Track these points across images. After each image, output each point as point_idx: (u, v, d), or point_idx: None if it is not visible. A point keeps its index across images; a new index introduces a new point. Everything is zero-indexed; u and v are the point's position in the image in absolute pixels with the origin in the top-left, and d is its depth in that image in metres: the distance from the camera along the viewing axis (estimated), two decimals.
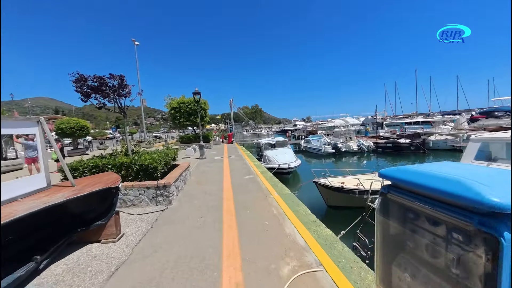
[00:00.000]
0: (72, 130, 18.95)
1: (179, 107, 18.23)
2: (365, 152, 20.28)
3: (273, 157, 13.11)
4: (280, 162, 12.40)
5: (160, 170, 5.35)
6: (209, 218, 4.42)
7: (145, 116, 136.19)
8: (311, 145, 21.95)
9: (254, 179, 7.50)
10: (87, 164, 5.15)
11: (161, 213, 4.77)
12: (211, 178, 7.82)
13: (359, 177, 9.25)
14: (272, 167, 12.13)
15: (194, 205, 5.20)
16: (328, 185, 7.50)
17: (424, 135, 22.23)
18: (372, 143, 20.71)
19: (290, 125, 79.23)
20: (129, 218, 4.55)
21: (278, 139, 15.96)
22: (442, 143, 19.03)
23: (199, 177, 8.12)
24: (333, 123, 43.32)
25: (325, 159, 19.75)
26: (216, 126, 68.32)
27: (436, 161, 15.00)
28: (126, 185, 5.01)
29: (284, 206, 4.83)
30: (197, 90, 12.48)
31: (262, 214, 4.46)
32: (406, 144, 18.96)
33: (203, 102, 19.08)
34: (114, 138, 39.38)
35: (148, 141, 26.35)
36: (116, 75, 5.96)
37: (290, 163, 12.15)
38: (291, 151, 14.47)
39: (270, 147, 14.83)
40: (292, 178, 12.81)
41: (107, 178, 4.03)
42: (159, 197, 5.12)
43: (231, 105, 25.97)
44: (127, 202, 5.07)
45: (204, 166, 10.43)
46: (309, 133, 33.74)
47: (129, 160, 5.24)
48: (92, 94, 5.78)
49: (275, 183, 6.99)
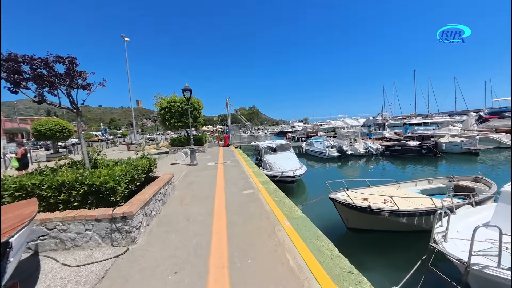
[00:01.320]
0: (51, 132, 17.12)
1: (169, 107, 16.52)
2: (372, 156, 18.76)
3: (275, 163, 11.48)
4: (283, 169, 10.77)
5: (120, 192, 3.67)
6: (188, 273, 2.77)
7: (141, 117, 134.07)
8: (313, 148, 20.36)
9: (255, 195, 5.85)
10: (8, 184, 3.45)
11: (115, 261, 3.09)
12: (200, 194, 6.15)
13: (383, 189, 7.69)
14: (274, 175, 10.50)
15: (169, 243, 3.53)
16: (351, 204, 5.88)
17: (432, 136, 20.82)
18: (379, 145, 19.20)
19: (288, 127, 77.86)
20: (60, 273, 2.87)
21: (279, 142, 14.34)
22: (456, 146, 17.58)
23: (184, 192, 6.44)
24: (332, 125, 41.94)
25: (330, 163, 18.18)
26: (213, 128, 66.52)
27: (451, 166, 13.32)
28: (64, 217, 3.33)
29: (302, 248, 3.20)
30: (187, 86, 10.82)
31: (272, 268, 2.81)
32: (417, 147, 17.47)
33: (196, 101, 17.41)
34: (105, 140, 37.56)
35: (139, 144, 24.56)
36: (64, 57, 4.28)
37: (295, 171, 10.52)
38: (295, 156, 12.86)
39: (271, 151, 13.21)
40: (297, 187, 11.16)
41: (13, 216, 2.37)
42: (116, 233, 3.44)
43: (227, 105, 24.30)
44: (66, 243, 3.38)
45: (194, 175, 8.75)
46: (309, 134, 32.25)
47: (72, 178, 3.56)
48: (27, 83, 4.08)
49: (281, 199, 5.38)
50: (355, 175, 15.09)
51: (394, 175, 14.23)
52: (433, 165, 16.11)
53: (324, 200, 7.23)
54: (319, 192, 11.15)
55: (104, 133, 46.13)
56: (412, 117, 77.73)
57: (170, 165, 11.92)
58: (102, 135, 43.31)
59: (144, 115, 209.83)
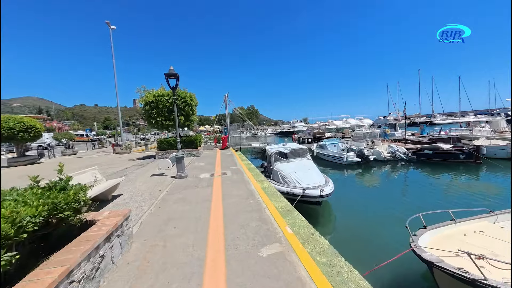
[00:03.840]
0: (12, 132, 14.03)
1: (156, 102, 13.48)
2: (398, 161, 15.85)
3: (291, 175, 8.51)
4: (304, 185, 7.81)
5: None
6: None
7: (138, 116, 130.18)
8: (327, 151, 17.35)
9: (285, 263, 2.87)
10: None
11: None
12: (178, 256, 3.15)
13: (475, 225, 4.78)
14: (292, 193, 7.57)
15: None
16: (469, 278, 2.92)
17: (461, 139, 18.02)
18: (405, 149, 16.29)
19: (289, 127, 75.06)
20: None
21: (292, 146, 11.37)
22: (501, 150, 14.70)
23: (150, 247, 3.43)
24: (334, 125, 39.13)
25: (348, 170, 15.26)
26: (210, 128, 63.36)
27: (494, 174, 10.23)
28: None
29: None
30: (172, 69, 7.83)
31: None
32: (453, 151, 14.60)
33: (189, 95, 14.38)
34: (90, 141, 34.28)
35: (126, 145, 21.45)
36: None
37: (323, 187, 7.52)
38: (314, 164, 9.88)
39: (282, 158, 10.28)
40: (322, 211, 8.12)
41: None
42: None
43: (225, 101, 21.23)
44: None
45: (176, 199, 5.74)
46: (316, 135, 29.28)
47: None
48: None
49: (344, 279, 2.45)
50: (384, 187, 12.20)
51: (429, 187, 11.39)
52: (474, 173, 13.26)
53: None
54: (350, 216, 8.12)
55: (89, 132, 42.82)
56: (415, 117, 75.31)
57: (150, 176, 8.93)
58: (86, 135, 40.12)
59: (140, 115, 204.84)
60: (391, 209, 8.61)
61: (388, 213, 8.18)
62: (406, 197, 10.47)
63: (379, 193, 11.27)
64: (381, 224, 7.36)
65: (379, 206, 9.14)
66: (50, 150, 20.53)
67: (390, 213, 8.22)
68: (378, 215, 8.13)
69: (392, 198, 10.12)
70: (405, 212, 7.87)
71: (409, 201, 9.63)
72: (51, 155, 20.13)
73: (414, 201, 9.51)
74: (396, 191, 11.43)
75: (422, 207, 7.22)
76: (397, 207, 8.77)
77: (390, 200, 9.87)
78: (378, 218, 7.82)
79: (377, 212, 8.41)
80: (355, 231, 6.93)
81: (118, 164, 12.82)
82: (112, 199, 6.02)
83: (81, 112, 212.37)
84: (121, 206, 5.40)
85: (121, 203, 5.60)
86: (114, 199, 5.99)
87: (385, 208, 8.76)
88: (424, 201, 9.33)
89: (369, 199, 10.27)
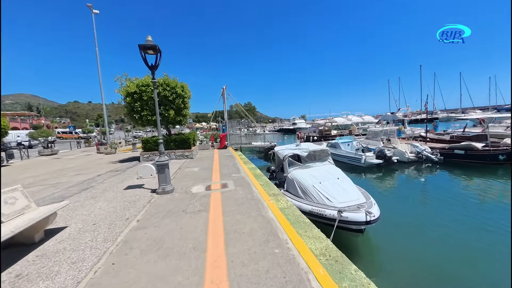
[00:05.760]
0: None
1: (139, 93, 11.06)
2: (423, 163, 13.71)
3: (316, 188, 6.22)
4: (339, 203, 5.55)
5: None
6: None
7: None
8: (341, 152, 15.10)
9: None
10: None
11: None
12: None
13: None
14: (321, 215, 5.34)
15: None
16: None
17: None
18: (429, 149, 14.14)
19: (289, 124, 72.76)
20: None
21: (310, 146, 9.09)
22: None
23: None
24: (335, 122, 37.01)
25: (366, 173, 13.07)
26: (207, 125, 60.68)
27: None
28: None
29: None
30: (150, 40, 5.46)
31: None
32: (491, 151, 12.49)
33: (181, 85, 11.98)
34: (81, 139, 31.60)
35: (111, 144, 18.94)
36: None
37: (368, 208, 5.26)
38: (341, 171, 7.60)
39: (297, 162, 8.06)
40: (362, 243, 5.80)
41: None
42: None
43: (223, 95, 18.82)
44: None
45: (146, 245, 3.36)
46: (322, 133, 27.01)
47: None
48: None
49: None
50: (413, 195, 10.00)
51: (466, 195, 9.22)
52: None
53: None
54: (395, 246, 5.48)
55: (73, 130, 40.05)
56: (417, 114, 73.52)
57: (123, 190, 6.56)
58: (69, 132, 37.48)
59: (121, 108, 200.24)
60: (444, 227, 6.48)
61: (443, 233, 6.12)
62: (456, 209, 8.10)
63: (419, 204, 9.02)
64: (447, 253, 5.16)
65: (427, 222, 6.97)
66: (23, 151, 17.95)
67: (445, 232, 6.14)
68: (429, 237, 5.95)
69: (440, 211, 7.82)
70: (467, 231, 5.82)
71: (464, 214, 7.41)
72: (24, 156, 17.59)
73: (469, 214, 7.33)
74: (439, 200, 9.09)
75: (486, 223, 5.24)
76: (452, 225, 6.60)
77: (437, 213, 7.64)
78: (434, 243, 5.67)
79: (427, 233, 6.22)
80: (416, 269, 4.70)
81: (92, 169, 10.42)
82: (46, 237, 3.71)
83: (74, 109, 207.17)
84: (43, 261, 3.07)
85: (49, 252, 3.28)
86: (48, 238, 3.68)
87: (437, 226, 6.61)
88: (479, 215, 7.17)
89: (409, 212, 7.99)
